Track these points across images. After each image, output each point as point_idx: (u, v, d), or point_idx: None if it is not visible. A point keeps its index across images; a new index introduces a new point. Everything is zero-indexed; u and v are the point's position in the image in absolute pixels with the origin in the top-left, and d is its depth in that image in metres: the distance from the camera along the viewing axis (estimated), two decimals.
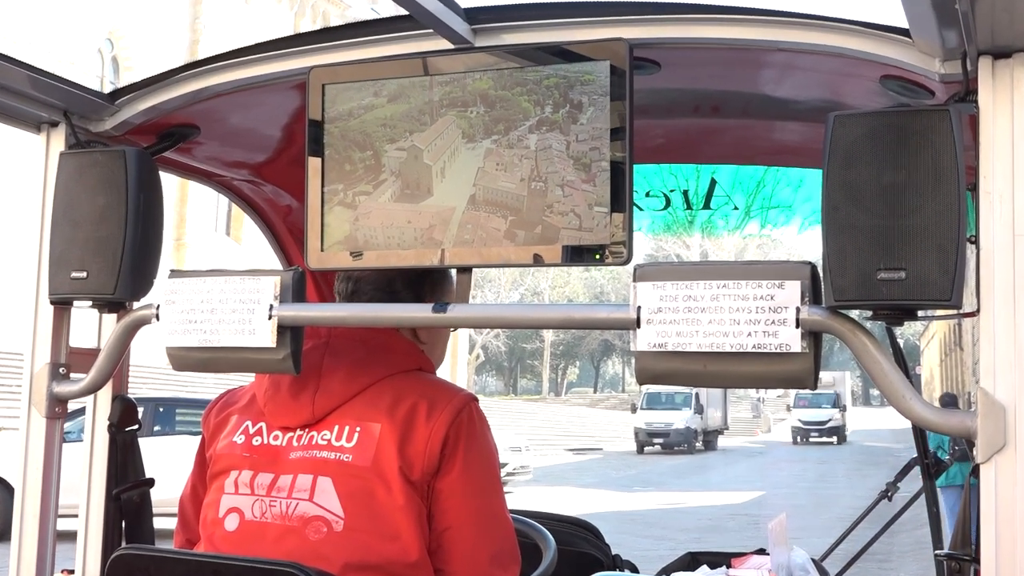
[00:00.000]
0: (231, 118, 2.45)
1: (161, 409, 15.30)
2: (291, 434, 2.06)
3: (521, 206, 1.89)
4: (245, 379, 2.17)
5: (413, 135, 1.97)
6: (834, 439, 47.58)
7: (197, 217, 37.55)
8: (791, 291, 1.65)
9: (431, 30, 1.97)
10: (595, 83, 1.84)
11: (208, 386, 26.79)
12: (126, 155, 2.16)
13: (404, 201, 1.97)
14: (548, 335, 69.30)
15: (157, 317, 2.08)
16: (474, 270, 2.03)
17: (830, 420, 47.91)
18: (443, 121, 1.95)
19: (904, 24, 1.68)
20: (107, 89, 2.52)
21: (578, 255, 1.86)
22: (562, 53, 1.88)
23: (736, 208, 2.88)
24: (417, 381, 2.08)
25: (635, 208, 1.88)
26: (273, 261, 3.08)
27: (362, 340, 2.12)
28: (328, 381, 2.06)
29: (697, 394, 41.20)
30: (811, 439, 47.73)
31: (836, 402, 48.61)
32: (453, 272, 2.14)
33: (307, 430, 2.04)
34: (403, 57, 2.04)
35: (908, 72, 1.79)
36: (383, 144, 1.99)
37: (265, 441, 2.07)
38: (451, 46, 2.00)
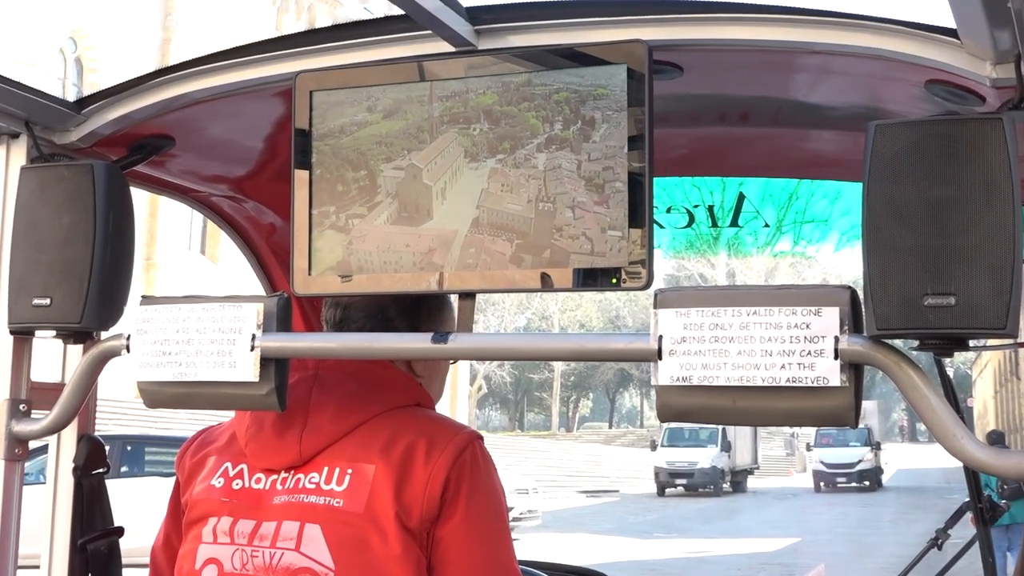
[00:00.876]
0: (209, 128, 2.47)
1: (129, 448, 15.31)
2: (275, 477, 2.06)
3: (528, 229, 1.89)
4: (223, 416, 2.18)
5: (411, 153, 1.97)
6: (866, 483, 43.63)
7: (169, 234, 37.66)
8: (829, 319, 1.65)
9: (430, 31, 1.98)
10: (610, 95, 1.84)
11: (181, 422, 26.77)
12: (94, 169, 2.17)
13: (402, 224, 1.98)
14: (558, 364, 69.17)
15: (127, 348, 2.09)
16: (477, 296, 2.04)
17: (860, 461, 43.71)
18: (444, 138, 1.95)
19: (951, 24, 1.69)
20: (70, 93, 2.55)
21: (592, 278, 1.86)
22: (574, 56, 1.89)
23: (767, 225, 2.89)
24: (414, 418, 2.08)
25: (655, 225, 1.88)
26: (255, 285, 3.09)
27: (353, 373, 2.12)
28: (316, 418, 2.07)
29: (724, 430, 41.01)
30: (838, 485, 43.40)
31: (867, 439, 44.26)
32: (454, 299, 2.15)
33: (293, 472, 2.04)
34: (399, 61, 2.05)
35: (956, 76, 1.80)
36: (378, 162, 1.99)
37: (247, 484, 2.08)
38: (452, 49, 2.01)
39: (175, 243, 38.31)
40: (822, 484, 43.91)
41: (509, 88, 1.92)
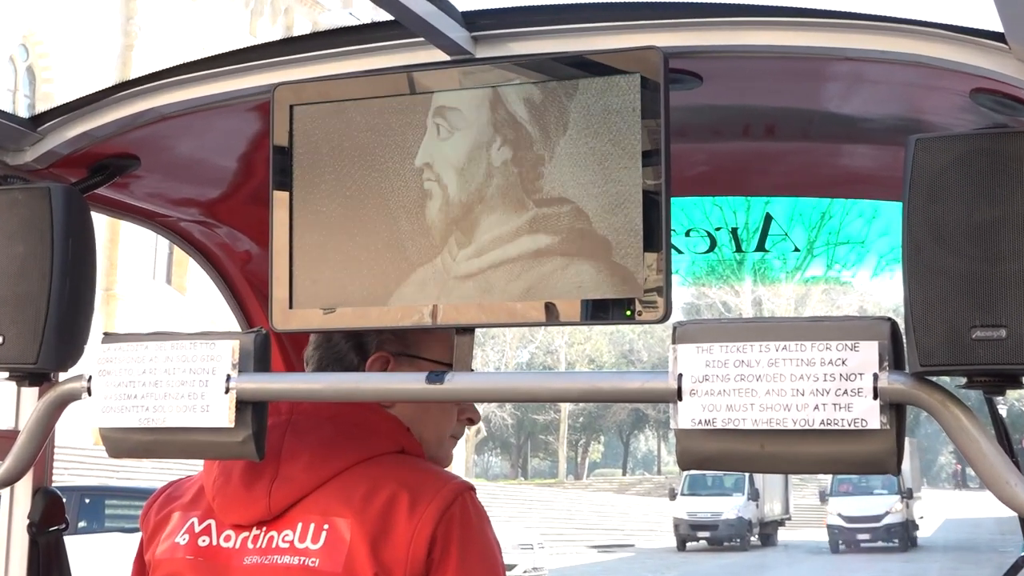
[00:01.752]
0: (178, 147, 2.48)
1: (87, 500, 15.28)
2: (245, 534, 2.06)
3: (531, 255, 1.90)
4: (194, 465, 2.18)
5: (402, 172, 1.98)
6: (894, 542, 39.58)
7: (131, 263, 37.69)
8: (867, 354, 1.65)
9: (422, 38, 1.99)
10: (622, 107, 1.85)
11: (145, 472, 26.70)
12: (51, 193, 2.17)
13: (391, 250, 1.97)
14: (566, 404, 69.05)
15: (88, 391, 2.08)
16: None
17: (887, 514, 39.68)
18: (439, 156, 1.96)
19: (998, 27, 1.70)
20: (21, 106, 2.54)
21: (602, 310, 1.86)
22: (582, 65, 1.89)
23: (796, 249, 2.89)
24: (397, 467, 2.08)
25: (673, 250, 1.88)
26: (228, 319, 3.09)
27: (331, 417, 2.12)
28: (289, 467, 2.07)
29: (751, 477, 40.84)
30: (861, 544, 39.35)
31: (897, 486, 39.81)
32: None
33: (264, 528, 2.05)
34: (388, 72, 2.06)
35: (1004, 85, 1.81)
36: (366, 183, 2.00)
37: (214, 542, 2.08)
38: (447, 57, 2.02)
39: (138, 272, 38.36)
40: (840, 543, 40.08)
41: (509, 101, 1.92)
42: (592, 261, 1.85)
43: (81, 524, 14.79)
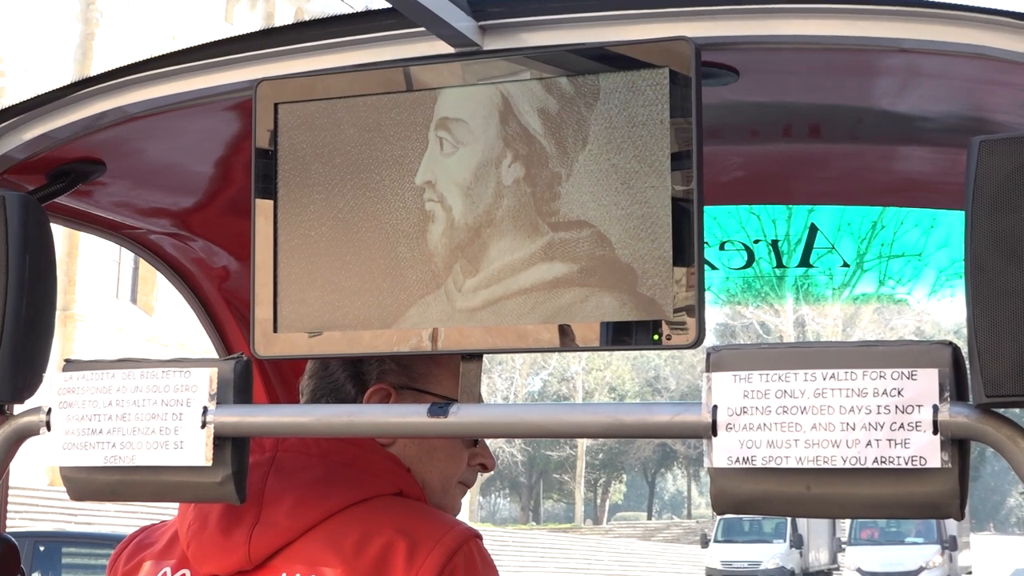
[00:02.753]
0: (148, 150, 2.49)
1: (42, 548, 15.29)
2: None
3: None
4: (164, 511, 2.18)
5: (400, 179, 1.98)
6: None
7: (91, 278, 37.73)
8: (926, 383, 1.65)
9: (423, 28, 2.00)
10: (649, 105, 1.85)
11: (107, 515, 26.72)
12: (6, 202, 2.18)
13: (387, 267, 1.98)
14: (583, 439, 68.92)
15: (47, 426, 2.09)
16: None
17: (921, 570, 35.99)
18: (442, 162, 1.96)
19: None
20: None
21: (625, 333, 1.86)
22: (604, 58, 1.89)
23: (845, 264, 2.90)
24: (394, 511, 2.09)
25: (706, 265, 1.87)
26: (203, 343, 3.10)
27: (321, 454, 2.13)
28: (272, 511, 2.08)
29: (795, 521, 40.71)
30: None
31: (936, 534, 36.67)
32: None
33: None
34: (385, 66, 2.06)
35: None
36: (359, 190, 2.00)
37: None
38: (451, 50, 2.03)
39: (99, 290, 38.40)
40: None
41: (521, 98, 1.93)
42: (615, 293, 1.84)
43: (35, 575, 14.79)
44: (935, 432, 1.64)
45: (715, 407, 1.73)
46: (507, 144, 1.91)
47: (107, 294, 39.14)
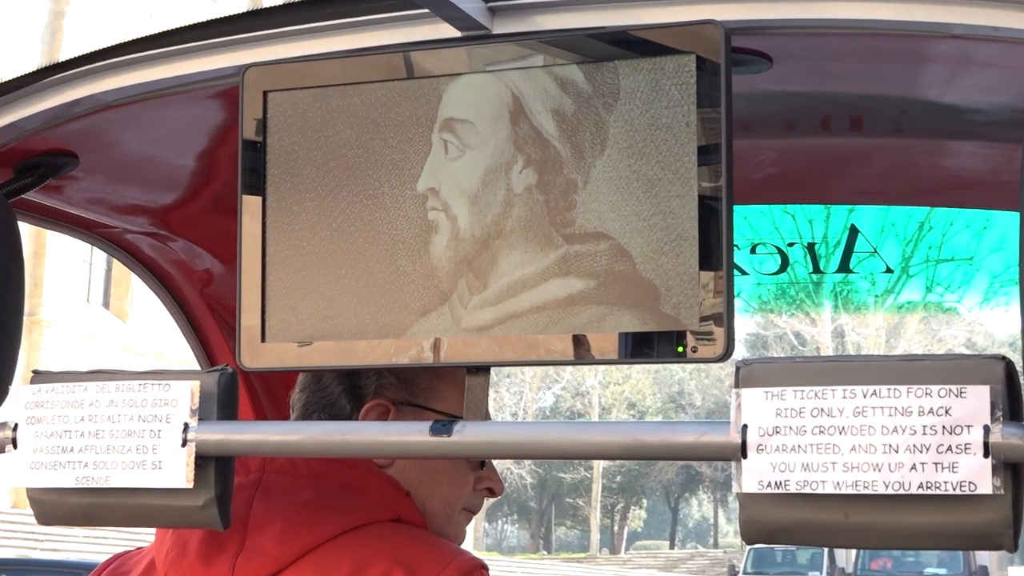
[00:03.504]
0: (125, 142, 2.50)
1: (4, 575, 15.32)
2: None
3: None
4: (139, 536, 2.19)
5: (401, 175, 1.98)
6: None
7: (60, 281, 37.78)
8: (977, 401, 1.65)
9: (427, 10, 2.00)
10: (673, 94, 1.85)
11: (75, 541, 26.76)
12: None
13: (385, 270, 1.98)
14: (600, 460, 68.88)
15: (13, 443, 2.09)
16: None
17: None
18: (448, 159, 1.96)
19: None
20: None
21: (646, 345, 1.85)
22: (624, 43, 1.89)
23: (888, 269, 2.90)
24: (391, 538, 2.09)
25: (736, 270, 1.87)
26: (183, 352, 3.10)
27: (312, 476, 2.13)
28: (257, 538, 2.08)
29: (832, 552, 40.73)
30: None
31: (963, 565, 34.54)
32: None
33: None
34: (384, 51, 2.07)
35: None
36: (356, 188, 2.00)
37: None
38: (457, 34, 2.03)
39: (69, 293, 38.46)
40: None
41: (534, 96, 1.92)
42: (636, 311, 1.83)
43: None
44: (986, 455, 1.63)
45: (745, 426, 1.73)
46: (518, 148, 1.91)
47: (77, 298, 39.21)
